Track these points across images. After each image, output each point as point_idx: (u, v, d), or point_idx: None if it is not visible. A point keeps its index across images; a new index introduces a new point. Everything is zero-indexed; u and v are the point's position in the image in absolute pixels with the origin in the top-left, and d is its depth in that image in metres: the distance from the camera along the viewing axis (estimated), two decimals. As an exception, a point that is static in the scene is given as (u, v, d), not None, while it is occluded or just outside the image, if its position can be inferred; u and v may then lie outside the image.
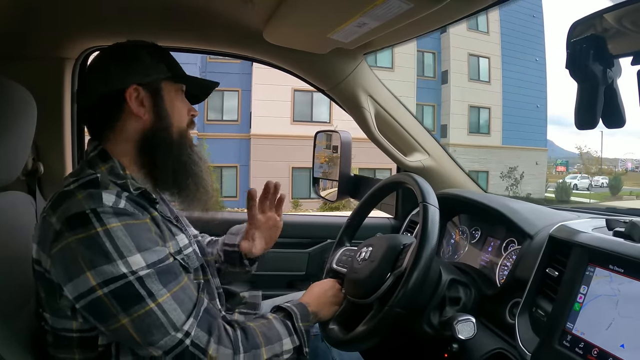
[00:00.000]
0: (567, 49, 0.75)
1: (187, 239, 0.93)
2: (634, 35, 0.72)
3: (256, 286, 1.53)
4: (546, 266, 0.90)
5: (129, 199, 0.80)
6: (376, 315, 0.89)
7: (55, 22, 1.22)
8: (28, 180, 1.14)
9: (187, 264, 0.89)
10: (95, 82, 0.88)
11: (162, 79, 0.90)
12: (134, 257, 0.75)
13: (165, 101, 0.90)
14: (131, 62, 0.88)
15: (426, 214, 0.89)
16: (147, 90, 0.87)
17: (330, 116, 15.47)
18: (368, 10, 0.92)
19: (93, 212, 0.74)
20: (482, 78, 18.66)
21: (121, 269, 0.73)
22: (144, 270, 0.75)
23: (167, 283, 0.78)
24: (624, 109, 0.73)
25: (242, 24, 1.22)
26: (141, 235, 0.77)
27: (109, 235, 0.74)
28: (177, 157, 0.90)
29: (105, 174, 0.84)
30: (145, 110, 0.87)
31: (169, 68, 0.91)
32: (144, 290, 0.75)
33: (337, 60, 1.36)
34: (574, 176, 27.82)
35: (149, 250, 0.77)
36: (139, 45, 0.92)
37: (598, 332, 0.74)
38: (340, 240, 1.16)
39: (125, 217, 0.77)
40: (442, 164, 1.52)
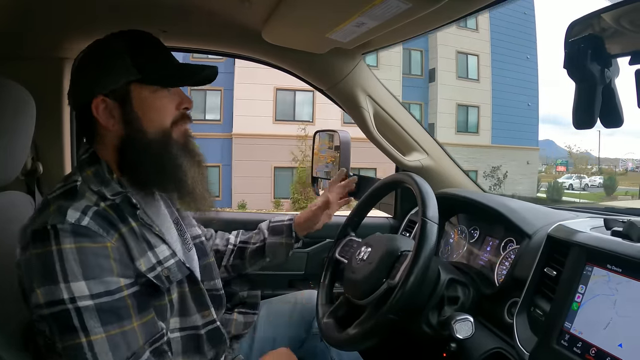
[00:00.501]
0: (564, 49, 0.74)
1: (168, 250, 0.87)
2: (632, 35, 0.72)
3: (255, 286, 1.53)
4: (544, 266, 0.90)
5: (97, 214, 0.77)
6: (368, 321, 0.89)
7: (53, 22, 1.21)
8: (27, 180, 1.14)
9: (167, 277, 0.85)
10: (70, 91, 0.88)
11: (130, 82, 0.84)
12: (78, 284, 0.72)
13: (136, 105, 0.84)
14: (97, 70, 0.84)
15: (423, 231, 0.87)
16: (114, 98, 0.83)
17: (314, 115, 15.38)
18: (367, 10, 0.91)
19: (53, 228, 0.73)
20: (470, 76, 18.38)
21: (62, 294, 0.71)
22: (85, 301, 0.72)
23: (107, 323, 0.73)
24: (621, 108, 0.73)
25: (241, 24, 1.22)
26: (93, 261, 0.74)
27: (60, 255, 0.72)
28: (158, 159, 0.86)
29: (90, 178, 0.83)
30: (114, 121, 0.84)
31: (140, 68, 0.84)
32: (79, 323, 0.71)
33: (335, 60, 1.36)
34: (569, 176, 27.64)
35: (97, 279, 0.73)
36: (112, 43, 0.86)
37: (596, 331, 0.74)
38: (345, 230, 1.16)
39: (82, 239, 0.74)
40: (441, 164, 1.52)
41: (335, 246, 1.15)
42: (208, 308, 0.95)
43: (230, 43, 1.37)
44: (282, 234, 1.19)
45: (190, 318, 0.92)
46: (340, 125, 15.13)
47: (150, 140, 0.85)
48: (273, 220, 1.23)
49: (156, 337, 0.81)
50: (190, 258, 0.98)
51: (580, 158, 28.15)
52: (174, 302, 0.88)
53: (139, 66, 0.84)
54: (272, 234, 1.20)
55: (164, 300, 0.85)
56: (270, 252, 1.19)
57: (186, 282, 0.91)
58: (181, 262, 0.89)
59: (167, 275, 0.85)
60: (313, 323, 1.19)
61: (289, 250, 1.20)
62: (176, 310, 0.89)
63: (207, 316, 0.94)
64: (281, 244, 1.19)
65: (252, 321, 1.17)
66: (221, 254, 1.21)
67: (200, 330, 0.93)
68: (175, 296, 0.88)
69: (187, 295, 0.91)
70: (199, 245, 1.04)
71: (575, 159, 28.27)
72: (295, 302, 1.24)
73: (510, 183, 17.46)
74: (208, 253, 1.06)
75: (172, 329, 0.89)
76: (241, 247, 1.21)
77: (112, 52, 0.85)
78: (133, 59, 0.84)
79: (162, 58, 0.89)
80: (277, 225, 1.21)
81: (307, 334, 1.19)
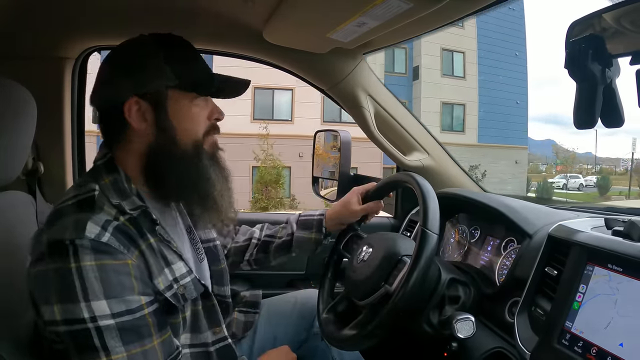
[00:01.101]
0: (565, 49, 0.75)
1: (185, 268, 0.85)
2: (633, 35, 0.72)
3: (256, 285, 1.53)
4: (545, 265, 0.90)
5: (118, 229, 0.75)
6: (364, 326, 0.89)
7: (55, 21, 1.22)
8: (28, 180, 1.14)
9: (183, 295, 0.83)
10: (99, 89, 0.83)
11: (168, 87, 0.81)
12: (99, 303, 0.69)
13: (171, 113, 0.82)
14: (133, 69, 0.81)
15: (422, 241, 0.87)
16: (149, 101, 0.80)
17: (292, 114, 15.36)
18: (368, 10, 0.91)
19: (72, 243, 0.70)
20: (456, 73, 18.18)
21: (83, 313, 0.69)
22: (106, 321, 0.70)
23: (128, 342, 0.71)
24: (622, 108, 0.73)
25: (242, 24, 1.22)
26: (114, 279, 0.71)
27: (80, 273, 0.69)
28: (187, 171, 0.84)
29: (108, 187, 0.80)
30: (147, 125, 0.81)
31: (177, 73, 0.81)
32: (100, 343, 0.69)
33: (336, 60, 1.36)
34: (563, 175, 27.39)
35: (118, 298, 0.71)
36: (148, 44, 0.83)
37: (597, 331, 0.74)
38: (350, 224, 1.17)
39: (103, 256, 0.71)
40: (442, 164, 1.52)
41: (339, 240, 1.16)
42: (219, 324, 0.94)
43: (232, 43, 1.37)
44: (311, 229, 1.16)
45: (201, 335, 0.90)
46: (320, 124, 15.21)
47: (182, 151, 0.83)
48: (303, 214, 1.21)
49: (174, 356, 0.79)
50: (202, 270, 0.96)
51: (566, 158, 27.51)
52: (187, 320, 0.86)
53: (175, 71, 0.82)
54: (301, 228, 1.17)
55: (178, 319, 0.83)
56: (297, 246, 1.17)
57: (200, 299, 0.89)
58: (197, 280, 0.87)
59: (183, 294, 0.83)
60: (314, 322, 1.19)
61: (318, 246, 1.17)
62: (188, 326, 0.88)
63: (218, 333, 0.93)
64: (310, 239, 1.16)
65: (252, 320, 1.17)
66: (243, 248, 1.20)
67: (210, 348, 0.91)
68: (188, 314, 0.86)
69: (200, 313, 0.89)
70: (212, 250, 1.02)
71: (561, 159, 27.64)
72: (296, 302, 1.24)
73: (499, 183, 17.13)
74: (221, 259, 1.04)
75: (183, 345, 0.87)
76: (266, 240, 1.19)
77: (148, 53, 0.82)
78: (170, 63, 0.81)
79: (196, 65, 0.86)
80: (307, 219, 1.18)
81: (307, 334, 1.19)
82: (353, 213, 1.15)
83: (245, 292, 1.26)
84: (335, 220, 1.16)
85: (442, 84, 17.78)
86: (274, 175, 12.79)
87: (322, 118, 15.56)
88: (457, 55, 17.97)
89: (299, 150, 15.05)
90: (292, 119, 15.54)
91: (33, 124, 0.90)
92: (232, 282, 1.48)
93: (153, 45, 0.83)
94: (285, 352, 1.03)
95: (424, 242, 0.86)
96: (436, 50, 17.58)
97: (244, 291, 1.30)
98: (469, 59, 18.12)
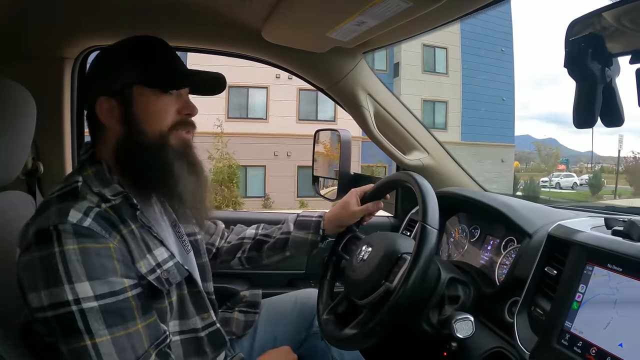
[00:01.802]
0: (565, 48, 0.74)
1: (167, 253, 0.87)
2: (633, 34, 0.72)
3: (256, 285, 1.53)
4: (545, 265, 0.90)
5: (99, 215, 0.77)
6: (365, 324, 0.89)
7: (54, 21, 1.22)
8: (28, 180, 1.15)
9: (167, 279, 0.84)
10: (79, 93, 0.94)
11: (133, 84, 0.85)
12: (82, 285, 0.71)
13: (136, 108, 0.85)
14: (102, 72, 0.88)
15: (423, 236, 0.87)
16: (117, 99, 0.85)
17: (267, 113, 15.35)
18: (367, 9, 0.91)
19: (55, 229, 0.72)
20: (438, 70, 17.71)
21: (66, 295, 0.71)
22: (89, 303, 0.71)
23: (112, 325, 0.73)
24: (622, 107, 0.73)
25: (241, 23, 1.22)
26: (96, 262, 0.73)
27: (63, 257, 0.71)
28: (152, 162, 0.86)
29: (90, 177, 0.83)
30: (115, 121, 0.85)
31: (142, 71, 0.85)
32: (84, 326, 0.71)
33: (336, 59, 1.36)
34: (557, 174, 26.97)
35: (101, 280, 0.73)
36: (116, 48, 0.89)
37: (596, 331, 0.74)
38: (349, 226, 1.16)
39: (85, 239, 0.73)
40: (442, 163, 1.52)
41: (338, 241, 1.16)
42: (207, 310, 0.94)
43: (230, 42, 1.37)
44: (308, 229, 1.15)
45: (189, 321, 0.91)
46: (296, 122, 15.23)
47: (147, 143, 0.86)
48: (302, 214, 1.20)
49: (160, 340, 0.80)
50: (189, 260, 0.97)
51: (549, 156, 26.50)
52: (173, 305, 0.87)
53: (143, 68, 0.86)
54: (298, 228, 1.16)
55: (164, 303, 0.84)
56: (293, 246, 1.16)
57: (185, 284, 0.90)
58: (180, 264, 0.88)
59: (167, 278, 0.84)
60: (313, 322, 1.19)
61: (313, 248, 1.16)
62: (175, 313, 0.89)
63: (206, 318, 0.94)
64: (306, 239, 1.15)
65: (253, 320, 1.17)
66: (236, 247, 1.19)
67: (200, 333, 0.92)
68: (174, 299, 0.88)
69: (186, 298, 0.91)
70: (193, 244, 1.03)
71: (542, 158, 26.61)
72: (296, 301, 1.24)
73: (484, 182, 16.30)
74: (202, 253, 1.05)
75: (172, 332, 0.88)
76: (260, 239, 1.18)
77: (116, 54, 0.88)
78: (137, 61, 0.86)
79: (167, 62, 0.89)
80: (305, 220, 1.17)
81: (307, 333, 1.20)
82: (352, 214, 1.14)
83: (245, 292, 1.26)
84: (334, 222, 1.16)
85: (423, 81, 17.33)
86: (228, 174, 12.52)
87: (298, 116, 15.55)
88: (440, 51, 17.49)
89: (275, 149, 15.10)
90: (267, 118, 15.51)
91: (33, 124, 0.91)
92: (231, 282, 1.50)
93: (124, 45, 0.89)
94: (285, 352, 1.03)
95: (424, 238, 0.87)
96: (417, 46, 17.19)
97: (244, 290, 1.31)
98: (452, 54, 17.62)
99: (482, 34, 17.63)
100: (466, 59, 17.70)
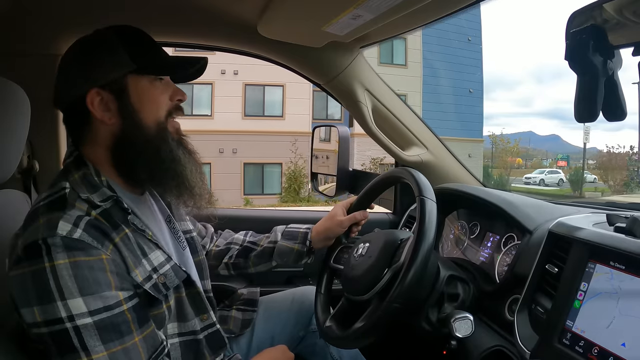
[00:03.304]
0: (566, 40, 0.73)
1: (163, 256, 0.84)
2: (635, 26, 0.71)
3: (254, 283, 1.53)
4: (546, 262, 0.89)
5: (90, 224, 0.74)
6: (375, 311, 0.88)
7: (48, 18, 1.21)
8: (23, 178, 1.14)
9: (164, 284, 0.82)
10: (60, 87, 0.83)
11: (126, 74, 0.82)
12: (75, 301, 0.69)
13: (133, 97, 0.82)
14: (91, 62, 0.81)
15: (423, 207, 0.88)
16: (110, 91, 0.81)
17: (212, 109, 15.36)
18: (362, 2, 0.90)
19: (44, 242, 0.70)
20: (396, 61, 16.72)
21: (60, 312, 0.68)
22: (84, 319, 0.69)
23: (108, 341, 0.70)
24: (625, 101, 0.71)
25: (236, 18, 1.21)
26: (89, 276, 0.70)
27: (54, 272, 0.69)
28: (155, 155, 0.84)
29: (77, 182, 0.79)
30: (111, 115, 0.81)
31: (133, 59, 0.82)
32: (79, 342, 0.69)
33: (333, 54, 1.34)
34: (541, 171, 26.23)
35: (95, 295, 0.70)
36: (102, 37, 0.83)
37: (598, 330, 0.73)
38: (337, 238, 1.15)
39: (76, 252, 0.70)
40: (441, 159, 1.51)
41: (329, 255, 1.14)
42: (207, 311, 0.93)
43: (226, 38, 1.36)
44: (296, 239, 1.14)
45: (188, 323, 0.90)
46: (242, 118, 15.32)
47: (147, 134, 0.83)
48: (290, 226, 1.19)
49: (158, 351, 0.78)
50: (185, 258, 0.96)
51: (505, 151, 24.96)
52: (171, 309, 0.86)
53: (132, 57, 0.82)
54: (285, 238, 1.15)
55: (162, 309, 0.82)
56: (279, 255, 1.15)
57: (183, 286, 0.88)
58: (177, 266, 0.86)
59: (164, 282, 0.82)
60: (312, 320, 1.18)
61: (299, 259, 1.15)
62: (173, 315, 0.87)
63: (205, 320, 0.93)
64: (292, 249, 1.14)
65: (251, 318, 1.16)
66: (223, 252, 1.18)
67: (199, 335, 0.91)
68: (172, 303, 0.86)
69: (184, 300, 0.89)
70: (189, 241, 1.01)
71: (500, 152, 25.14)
72: (294, 299, 1.23)
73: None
74: (199, 250, 1.03)
75: (171, 335, 0.87)
76: (247, 247, 1.18)
77: (104, 44, 0.82)
78: (126, 50, 0.82)
79: (154, 49, 0.86)
80: (293, 230, 1.17)
81: (305, 331, 1.19)
82: (339, 223, 1.13)
83: (243, 290, 1.26)
84: (322, 234, 1.14)
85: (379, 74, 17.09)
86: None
87: (244, 112, 15.56)
88: (398, 41, 16.45)
89: (220, 146, 15.06)
90: (212, 114, 15.48)
91: (27, 122, 0.90)
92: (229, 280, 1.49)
93: (108, 34, 0.83)
94: (282, 351, 1.02)
95: (425, 209, 0.87)
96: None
97: (242, 288, 1.30)
98: (411, 45, 16.79)
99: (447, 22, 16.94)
100: (428, 49, 16.95)
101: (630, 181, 19.52)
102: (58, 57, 1.29)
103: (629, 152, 20.40)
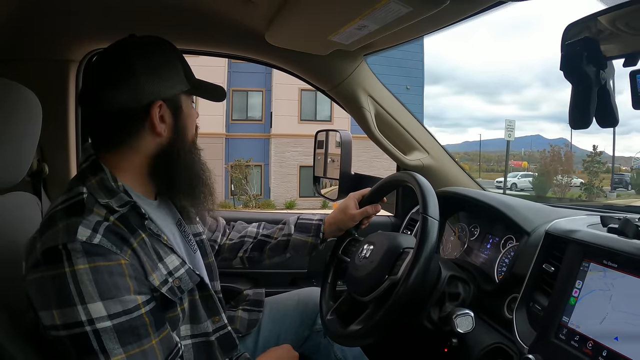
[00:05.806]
0: (561, 51, 0.76)
1: (178, 260, 0.85)
2: (628, 37, 0.74)
3: (259, 284, 1.55)
4: (543, 262, 0.92)
5: (109, 229, 0.75)
6: (372, 317, 0.91)
7: (59, 24, 1.23)
8: (33, 181, 1.15)
9: (179, 287, 0.83)
10: (114, 91, 0.80)
11: (183, 92, 0.87)
12: (95, 305, 0.70)
13: (184, 116, 0.88)
14: (163, 73, 0.84)
15: (424, 227, 0.89)
16: (169, 105, 0.84)
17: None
18: (368, 14, 0.93)
19: (64, 248, 0.71)
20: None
21: (80, 316, 0.69)
22: (103, 323, 0.70)
23: (126, 343, 0.72)
24: (616, 109, 0.75)
25: (245, 26, 1.23)
26: (108, 281, 0.71)
27: (74, 277, 0.70)
28: (191, 168, 0.89)
29: (95, 188, 0.80)
30: (165, 127, 0.84)
31: (187, 78, 0.88)
32: (98, 345, 0.70)
33: (337, 61, 1.37)
34: (514, 174, 25.67)
35: (114, 299, 0.71)
36: (165, 50, 0.86)
37: (593, 325, 0.76)
38: (348, 230, 1.18)
39: (96, 258, 0.71)
40: (442, 163, 1.54)
41: (337, 245, 1.17)
42: (219, 313, 0.95)
43: (235, 45, 1.39)
44: (309, 232, 1.17)
45: (201, 325, 0.91)
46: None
47: (188, 149, 0.89)
48: (302, 216, 1.22)
49: (174, 353, 0.80)
50: (196, 261, 0.97)
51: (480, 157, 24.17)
52: (185, 311, 0.87)
53: (186, 76, 0.88)
54: (299, 231, 1.18)
55: (176, 311, 0.84)
56: (293, 248, 1.17)
57: (196, 289, 0.90)
58: (191, 270, 0.87)
59: (179, 286, 0.83)
60: (316, 320, 1.20)
61: (313, 250, 1.18)
62: (187, 317, 0.89)
63: (217, 322, 0.95)
64: (306, 242, 1.17)
65: (256, 319, 1.18)
66: (237, 245, 1.20)
67: (211, 337, 0.93)
68: (186, 305, 0.87)
69: (198, 302, 0.90)
70: (199, 244, 1.03)
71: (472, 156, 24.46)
72: (298, 300, 1.25)
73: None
74: (208, 253, 1.05)
75: (184, 336, 0.89)
76: (262, 240, 1.19)
77: (170, 59, 0.86)
78: (181, 68, 0.88)
79: (190, 70, 0.92)
80: (306, 223, 1.19)
81: (310, 331, 1.21)
82: (351, 217, 1.16)
83: (249, 291, 1.28)
84: (333, 225, 1.17)
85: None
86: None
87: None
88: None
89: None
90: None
91: (38, 126, 0.90)
92: (235, 281, 1.51)
93: (169, 47, 0.87)
94: (287, 350, 1.04)
95: (426, 228, 0.88)
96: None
97: (247, 289, 1.32)
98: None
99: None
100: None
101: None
102: (69, 63, 1.34)
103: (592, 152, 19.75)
